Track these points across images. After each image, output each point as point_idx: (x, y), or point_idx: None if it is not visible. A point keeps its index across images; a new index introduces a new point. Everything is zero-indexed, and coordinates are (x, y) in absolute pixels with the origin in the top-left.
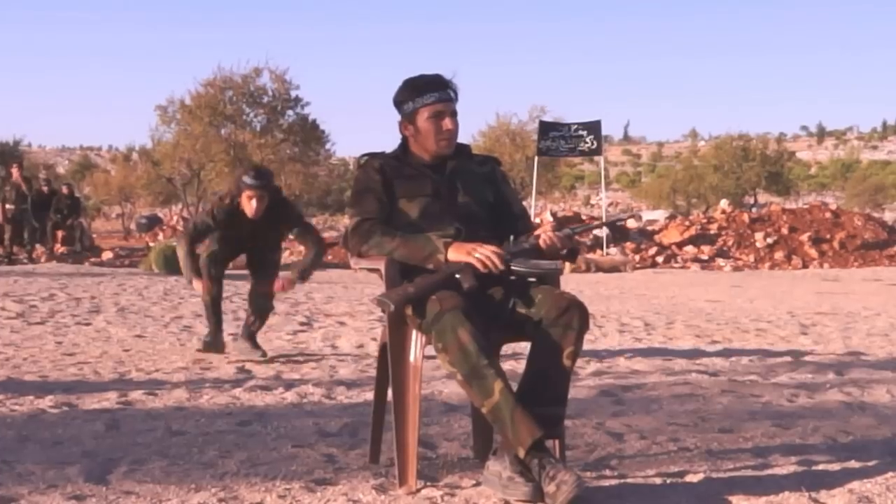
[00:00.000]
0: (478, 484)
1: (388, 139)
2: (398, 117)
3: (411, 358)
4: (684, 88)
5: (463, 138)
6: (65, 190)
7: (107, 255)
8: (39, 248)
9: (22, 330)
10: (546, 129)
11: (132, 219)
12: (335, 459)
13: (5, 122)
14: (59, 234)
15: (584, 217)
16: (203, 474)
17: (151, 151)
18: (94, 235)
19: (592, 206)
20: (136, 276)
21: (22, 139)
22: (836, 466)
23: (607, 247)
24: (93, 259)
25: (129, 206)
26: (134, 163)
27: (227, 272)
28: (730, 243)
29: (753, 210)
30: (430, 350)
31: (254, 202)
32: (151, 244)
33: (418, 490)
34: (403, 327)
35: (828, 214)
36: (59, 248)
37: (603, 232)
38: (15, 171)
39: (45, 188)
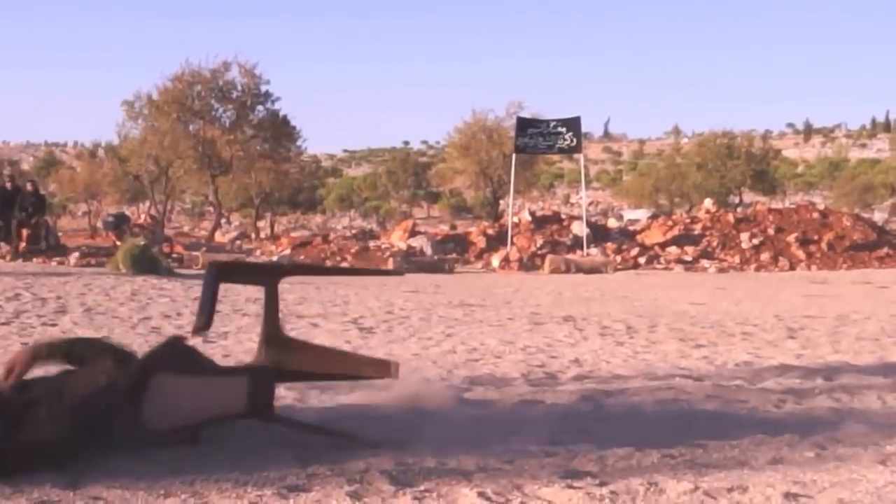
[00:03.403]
0: (455, 489)
1: (361, 136)
2: None
3: None
4: (666, 84)
5: (438, 135)
6: (29, 187)
7: (73, 256)
8: (3, 247)
9: None
10: (524, 125)
11: (99, 217)
12: (307, 465)
13: None
14: (24, 232)
15: (563, 216)
16: (173, 480)
17: (118, 148)
18: (60, 234)
19: (572, 205)
20: (103, 276)
21: None
22: (824, 475)
23: (588, 247)
24: (58, 259)
25: (95, 203)
26: (100, 159)
27: None
28: (714, 244)
29: (738, 210)
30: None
31: None
32: (119, 243)
33: (393, 497)
34: None
35: (815, 214)
36: (24, 247)
37: (583, 231)
38: None
39: (8, 184)
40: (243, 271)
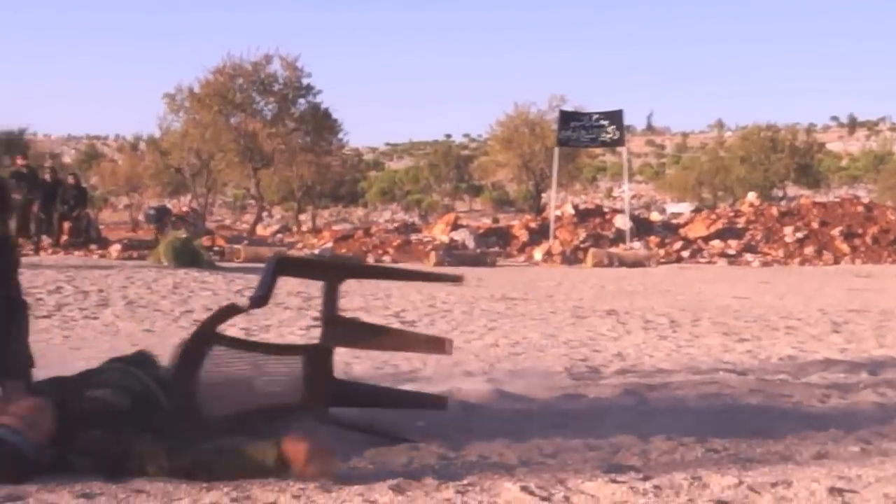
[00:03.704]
0: (497, 483)
1: (403, 129)
2: None
3: None
4: (710, 77)
5: (480, 128)
6: (71, 180)
7: (115, 249)
8: (45, 240)
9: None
10: (566, 118)
11: (140, 210)
12: (349, 459)
13: (10, 111)
14: (66, 225)
15: (606, 210)
16: None
17: (159, 141)
18: (102, 227)
19: (615, 198)
20: (145, 269)
21: (27, 128)
22: (870, 470)
23: (630, 240)
24: (99, 252)
25: (136, 196)
26: (141, 152)
27: None
28: (758, 238)
29: (782, 203)
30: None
31: None
32: (160, 236)
33: (436, 490)
34: None
35: (860, 208)
36: (65, 240)
37: (626, 224)
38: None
39: (49, 177)
40: (305, 266)
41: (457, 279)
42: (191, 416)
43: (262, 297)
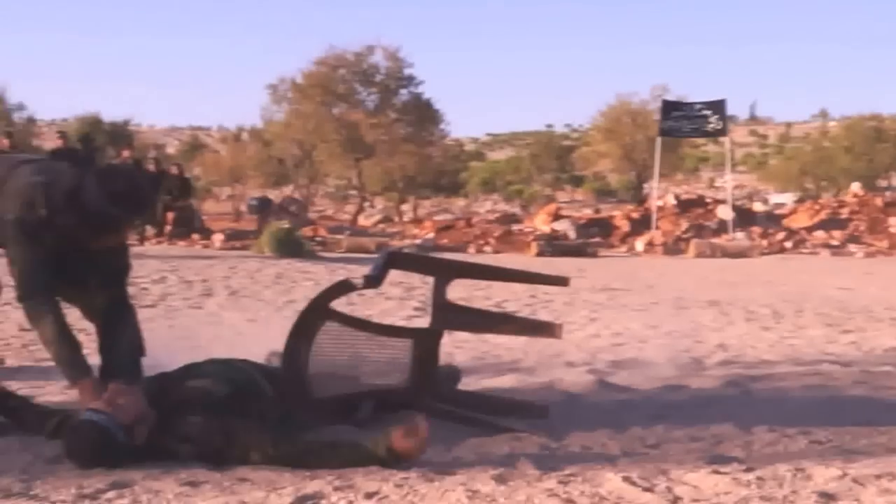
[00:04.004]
0: (600, 473)
1: (504, 120)
2: None
3: None
4: (814, 66)
5: (582, 119)
6: (174, 170)
7: (218, 239)
8: (149, 230)
9: None
10: (669, 108)
11: (242, 200)
12: (451, 449)
13: (114, 102)
14: (170, 215)
15: (708, 200)
16: None
17: (262, 131)
18: (205, 217)
19: (717, 188)
20: (248, 259)
21: (131, 119)
22: None
23: (733, 231)
24: (203, 242)
25: (239, 187)
26: (244, 143)
27: None
28: (862, 228)
29: (887, 194)
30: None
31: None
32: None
33: (538, 480)
34: None
35: None
36: (169, 230)
37: (729, 215)
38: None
39: (153, 168)
40: (415, 262)
41: (563, 281)
42: (300, 395)
43: (376, 278)
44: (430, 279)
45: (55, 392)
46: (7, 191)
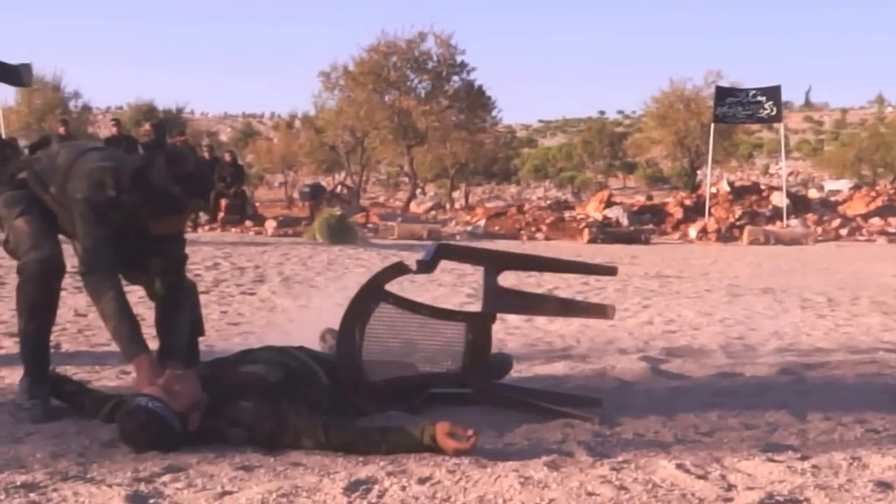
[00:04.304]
0: (653, 461)
1: (556, 106)
2: None
3: None
4: (870, 52)
5: (635, 105)
6: (227, 158)
7: (270, 226)
8: (203, 217)
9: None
10: (723, 94)
11: (295, 187)
12: (503, 435)
13: (168, 90)
14: (223, 202)
15: (762, 187)
16: None
17: (314, 119)
18: (258, 204)
19: (771, 175)
20: (300, 246)
21: (185, 107)
22: None
23: (787, 218)
24: (256, 229)
25: (291, 174)
26: (297, 130)
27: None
28: None
29: None
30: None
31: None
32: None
33: (591, 467)
34: None
35: None
36: (222, 217)
37: (783, 202)
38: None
39: (206, 155)
40: (464, 254)
41: (612, 270)
42: (354, 378)
43: (429, 263)
44: (481, 268)
45: (111, 377)
46: (77, 172)
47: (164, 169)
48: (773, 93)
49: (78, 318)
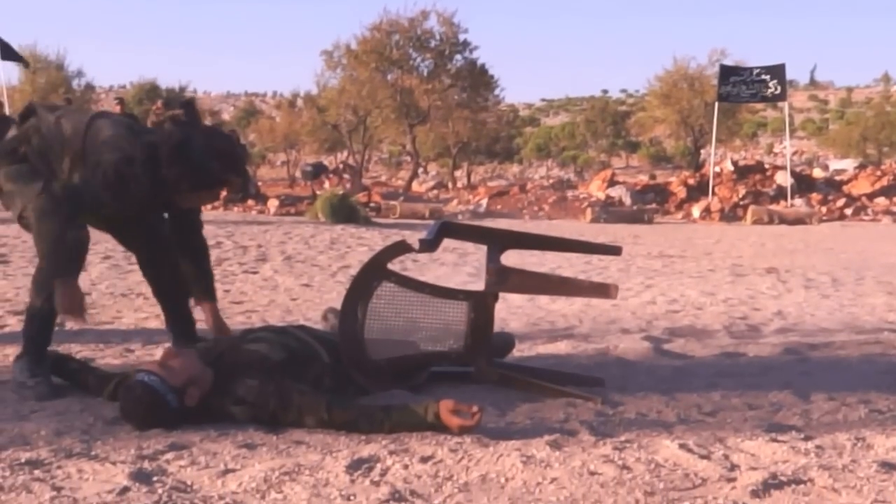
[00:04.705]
0: (655, 440)
1: (559, 85)
2: None
3: None
4: (876, 29)
5: (638, 84)
6: None
7: (273, 205)
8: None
9: None
10: (727, 73)
11: (297, 166)
12: (506, 414)
13: (171, 69)
14: None
15: (766, 166)
16: None
17: (317, 98)
18: (260, 183)
19: (776, 154)
20: (302, 225)
21: (187, 85)
22: None
23: (792, 197)
24: (258, 208)
25: (293, 153)
26: (299, 109)
27: None
28: None
29: None
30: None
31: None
32: (318, 192)
33: (594, 447)
34: None
35: None
36: (224, 196)
37: (787, 181)
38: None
39: None
40: (468, 232)
41: (616, 250)
42: (356, 357)
43: (431, 242)
44: (484, 247)
45: (115, 354)
46: (98, 142)
47: (202, 144)
48: (778, 71)
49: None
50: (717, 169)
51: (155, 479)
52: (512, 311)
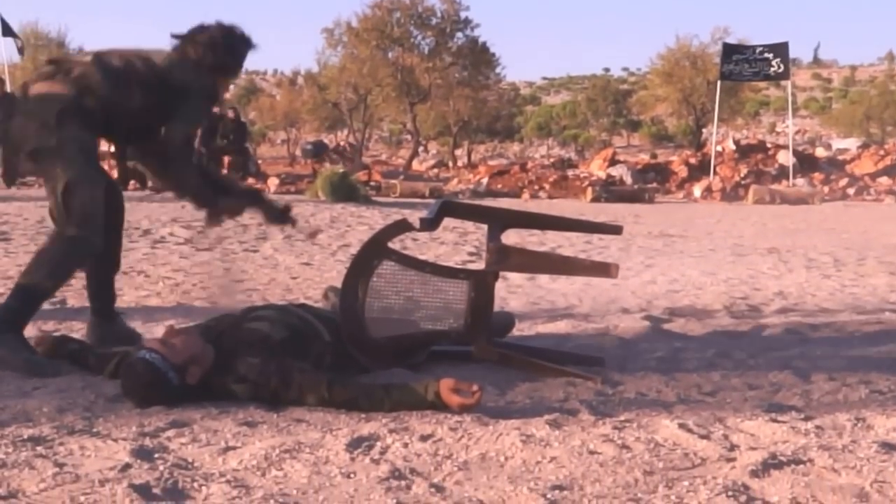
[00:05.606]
0: (655, 420)
1: (560, 64)
2: None
3: None
4: (880, 7)
5: (640, 62)
6: (230, 115)
7: (273, 184)
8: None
9: (190, 256)
10: (729, 51)
11: (297, 144)
12: (505, 393)
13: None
14: (226, 159)
15: (769, 146)
16: None
17: (317, 76)
18: (260, 161)
19: (778, 133)
20: (302, 203)
21: None
22: None
23: (794, 177)
24: (258, 186)
25: (294, 131)
26: (299, 87)
27: None
28: None
29: None
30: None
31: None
32: (318, 170)
33: (593, 426)
34: None
35: None
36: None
37: (789, 160)
38: None
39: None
40: (468, 211)
41: (617, 230)
42: (356, 335)
43: (432, 221)
44: (484, 226)
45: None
46: (167, 65)
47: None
48: (781, 50)
49: (83, 274)
50: (719, 148)
51: (156, 455)
52: (512, 289)
